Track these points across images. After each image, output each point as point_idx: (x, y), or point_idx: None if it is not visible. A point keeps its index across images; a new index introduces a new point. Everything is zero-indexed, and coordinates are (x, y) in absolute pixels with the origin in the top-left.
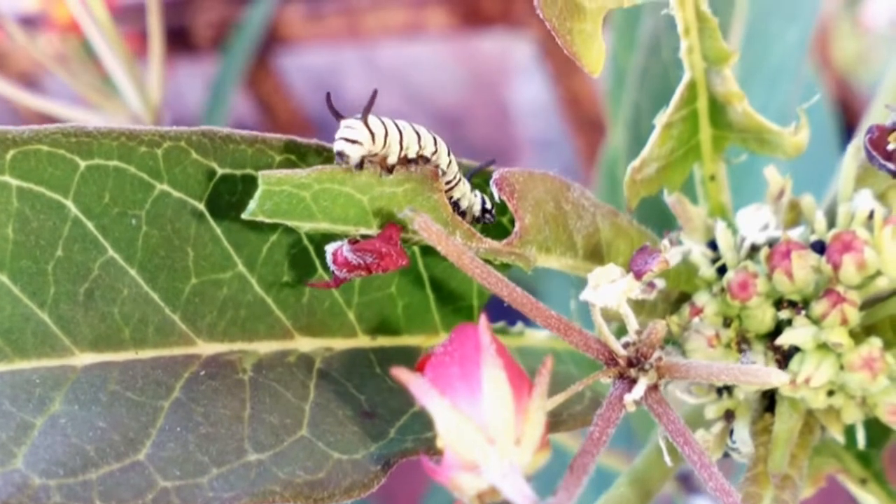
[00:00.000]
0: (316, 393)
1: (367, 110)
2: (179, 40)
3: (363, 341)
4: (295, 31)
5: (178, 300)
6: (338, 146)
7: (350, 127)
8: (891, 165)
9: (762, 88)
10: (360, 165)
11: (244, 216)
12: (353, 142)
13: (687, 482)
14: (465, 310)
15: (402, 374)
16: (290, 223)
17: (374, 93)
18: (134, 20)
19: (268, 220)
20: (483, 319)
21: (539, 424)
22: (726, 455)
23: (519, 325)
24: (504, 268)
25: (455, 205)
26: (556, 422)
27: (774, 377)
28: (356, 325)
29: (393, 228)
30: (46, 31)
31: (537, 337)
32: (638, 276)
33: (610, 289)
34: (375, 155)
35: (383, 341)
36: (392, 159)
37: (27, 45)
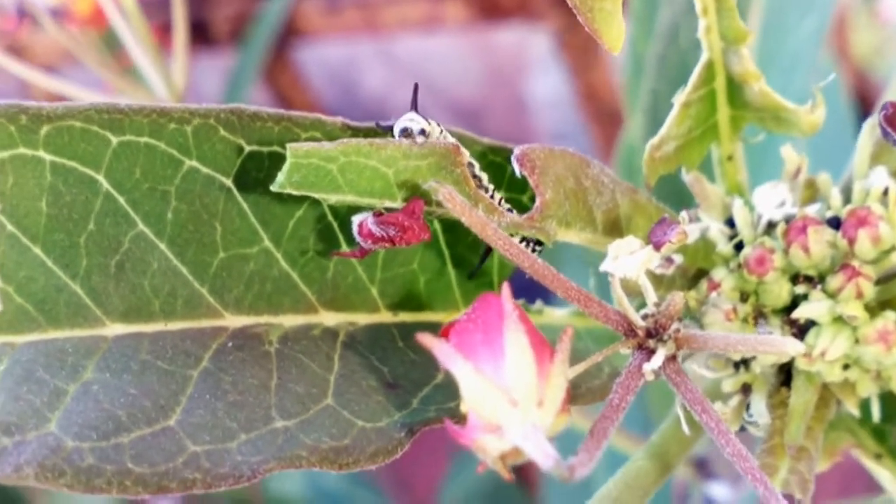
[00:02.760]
0: (340, 364)
1: (414, 104)
2: (198, 34)
3: (385, 316)
4: (312, 24)
5: (206, 274)
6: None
7: (412, 119)
8: None
9: (778, 78)
10: None
11: (273, 188)
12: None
13: (703, 468)
14: (486, 286)
15: (426, 339)
16: (316, 195)
17: (416, 88)
18: (154, 14)
19: (295, 192)
20: (506, 287)
21: (561, 388)
22: (742, 429)
23: (538, 304)
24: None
25: (477, 179)
26: (574, 395)
27: (791, 346)
28: (379, 301)
29: (416, 202)
30: (66, 24)
31: (556, 315)
32: (657, 246)
33: (629, 260)
34: None
35: (405, 317)
36: None
37: (56, 34)
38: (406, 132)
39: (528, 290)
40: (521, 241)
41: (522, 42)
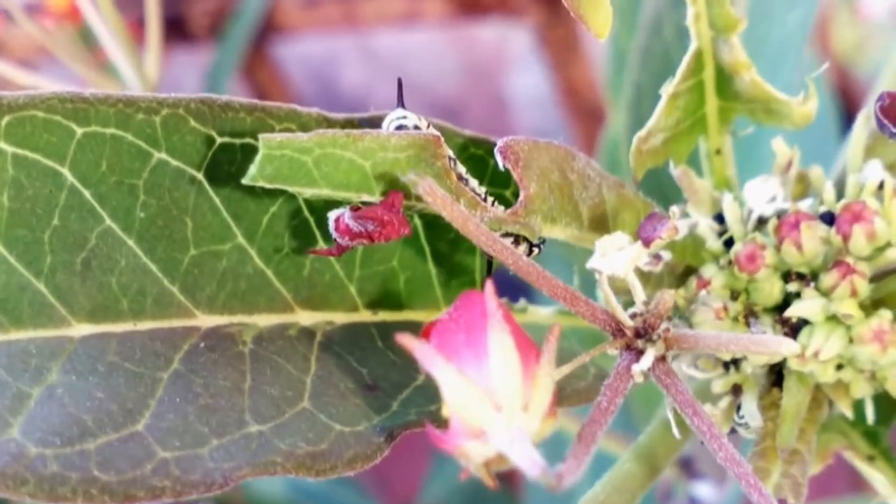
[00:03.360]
0: (317, 366)
1: (400, 100)
2: (175, 29)
3: (364, 315)
4: (291, 19)
5: (176, 271)
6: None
7: (404, 116)
8: None
9: (764, 70)
10: None
11: (244, 181)
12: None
13: (688, 468)
14: (468, 284)
15: (406, 340)
16: (291, 189)
17: (400, 83)
18: (129, 9)
19: (268, 186)
20: (489, 285)
21: (547, 391)
22: (733, 431)
23: (522, 302)
24: None
25: (458, 176)
26: (559, 397)
27: (784, 346)
28: (357, 299)
29: (395, 196)
30: (41, 19)
31: (541, 314)
32: (646, 242)
33: (618, 256)
34: None
35: (385, 316)
36: None
37: (31, 29)
38: (401, 129)
39: (512, 288)
40: (505, 238)
41: (502, 38)
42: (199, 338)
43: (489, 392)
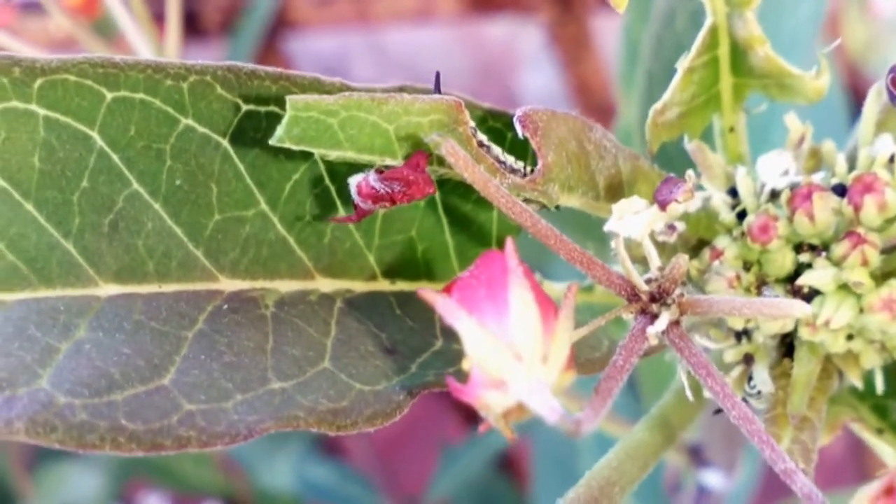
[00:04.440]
0: (337, 329)
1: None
2: (188, 24)
3: (383, 284)
4: (304, 15)
5: (201, 236)
6: None
7: None
8: None
9: None
10: None
11: (271, 142)
12: None
13: (697, 456)
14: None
15: (428, 294)
16: (316, 151)
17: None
18: (146, 5)
19: (294, 147)
20: (510, 243)
21: (565, 344)
22: (744, 401)
23: (538, 276)
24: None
25: (479, 144)
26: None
27: (798, 308)
28: (376, 268)
29: (420, 156)
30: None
31: (555, 289)
32: (662, 205)
33: (634, 219)
34: None
35: (403, 285)
36: None
37: (58, 18)
38: None
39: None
40: None
41: (514, 36)
42: (222, 300)
43: (509, 344)
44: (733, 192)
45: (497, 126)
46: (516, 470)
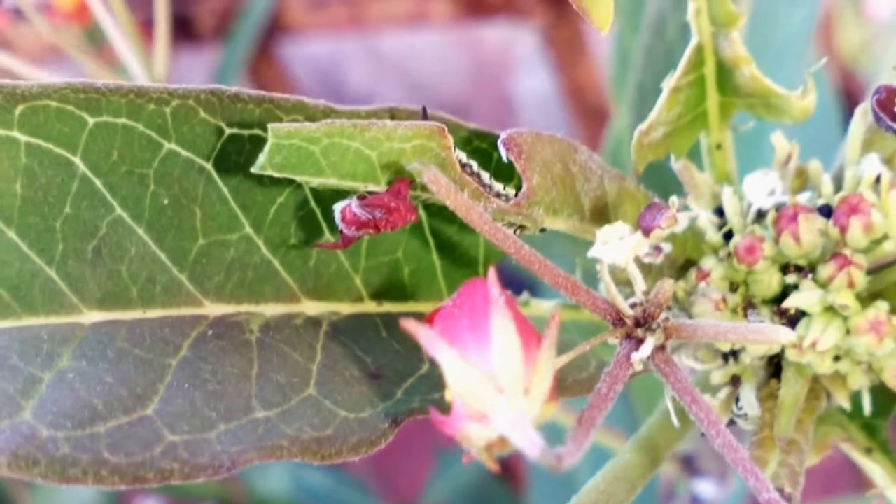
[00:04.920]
0: (323, 354)
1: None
2: (183, 29)
3: (369, 306)
4: (298, 20)
5: (185, 260)
6: None
7: None
8: None
9: (768, 68)
10: None
11: (253, 169)
12: None
13: (690, 465)
14: (472, 275)
15: (410, 325)
16: (298, 178)
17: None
18: (138, 9)
19: (276, 175)
20: (492, 272)
21: (548, 376)
22: (732, 423)
23: (524, 295)
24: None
25: (464, 166)
26: (560, 387)
27: (783, 335)
28: (362, 290)
29: (402, 183)
30: (49, 19)
31: (542, 307)
32: (646, 232)
33: (618, 245)
34: None
35: (389, 307)
36: None
37: (42, 26)
38: None
39: (514, 283)
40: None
41: (508, 39)
42: (207, 326)
43: (491, 376)
44: (720, 212)
45: (483, 146)
46: (512, 475)
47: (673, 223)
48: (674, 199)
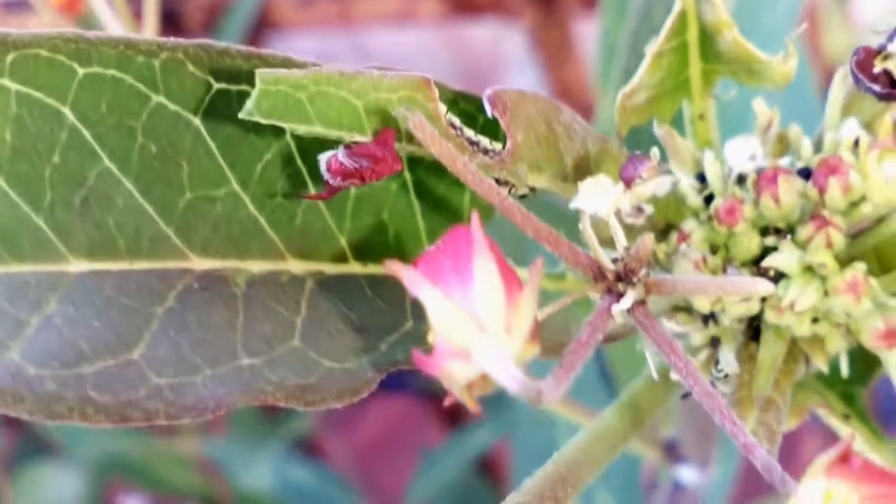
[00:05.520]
0: (308, 309)
1: None
2: (170, 24)
3: (354, 267)
4: (286, 16)
5: (172, 214)
6: None
7: None
8: (877, 87)
9: None
10: None
11: (241, 115)
12: None
13: (672, 452)
14: None
15: (394, 266)
16: (285, 125)
17: None
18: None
19: (264, 121)
20: (475, 217)
21: (529, 316)
22: (711, 385)
23: (509, 261)
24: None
25: (449, 123)
26: (543, 348)
27: (761, 286)
28: (347, 250)
29: (388, 132)
30: (39, 14)
31: (526, 276)
32: (628, 182)
33: (600, 196)
34: None
35: (374, 268)
36: None
37: (45, 14)
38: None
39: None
40: None
41: (497, 39)
42: (193, 279)
43: (474, 315)
44: (701, 178)
45: (468, 109)
46: (495, 473)
47: (654, 173)
48: (655, 151)
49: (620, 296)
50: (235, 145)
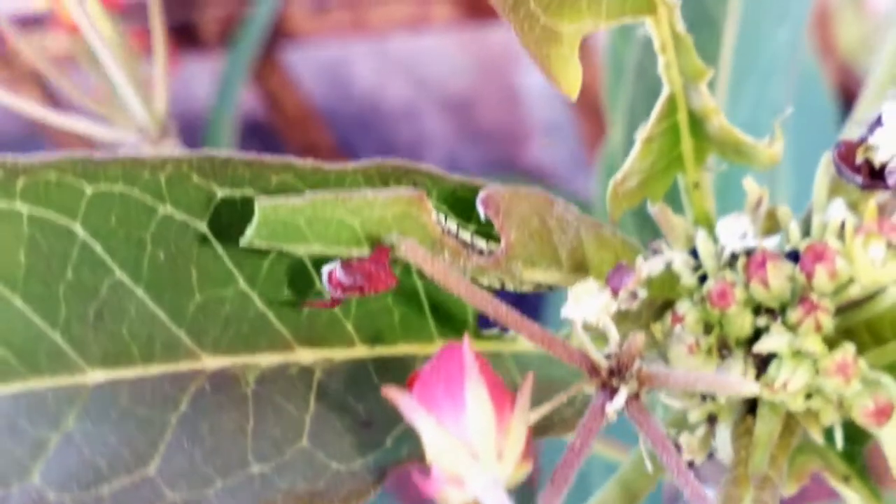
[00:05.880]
0: (316, 405)
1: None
2: (186, 36)
3: (361, 351)
4: (301, 26)
5: (183, 317)
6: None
7: None
8: (859, 179)
9: (755, 86)
10: None
11: (242, 243)
12: None
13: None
14: (461, 317)
15: (391, 392)
16: (285, 248)
17: None
18: (142, 17)
19: (264, 247)
20: (466, 340)
21: (520, 440)
22: (711, 456)
23: (511, 333)
24: None
25: (444, 229)
26: (546, 426)
27: (747, 388)
28: (354, 336)
29: (382, 250)
30: (54, 30)
31: (529, 345)
32: (615, 292)
33: (589, 303)
34: None
35: (381, 350)
36: None
37: (27, 47)
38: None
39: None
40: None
41: (512, 38)
42: (205, 380)
43: (466, 442)
44: (696, 253)
45: (468, 196)
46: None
47: (641, 284)
48: (640, 260)
49: (614, 391)
50: (241, 247)
